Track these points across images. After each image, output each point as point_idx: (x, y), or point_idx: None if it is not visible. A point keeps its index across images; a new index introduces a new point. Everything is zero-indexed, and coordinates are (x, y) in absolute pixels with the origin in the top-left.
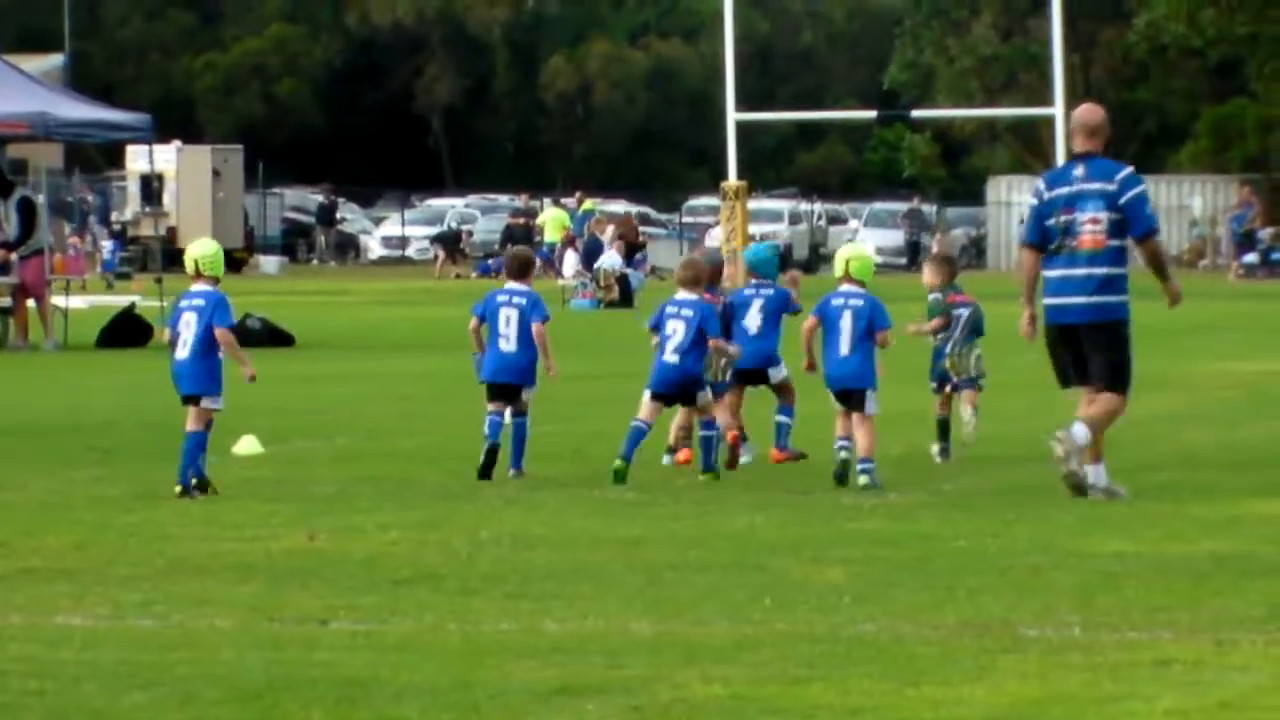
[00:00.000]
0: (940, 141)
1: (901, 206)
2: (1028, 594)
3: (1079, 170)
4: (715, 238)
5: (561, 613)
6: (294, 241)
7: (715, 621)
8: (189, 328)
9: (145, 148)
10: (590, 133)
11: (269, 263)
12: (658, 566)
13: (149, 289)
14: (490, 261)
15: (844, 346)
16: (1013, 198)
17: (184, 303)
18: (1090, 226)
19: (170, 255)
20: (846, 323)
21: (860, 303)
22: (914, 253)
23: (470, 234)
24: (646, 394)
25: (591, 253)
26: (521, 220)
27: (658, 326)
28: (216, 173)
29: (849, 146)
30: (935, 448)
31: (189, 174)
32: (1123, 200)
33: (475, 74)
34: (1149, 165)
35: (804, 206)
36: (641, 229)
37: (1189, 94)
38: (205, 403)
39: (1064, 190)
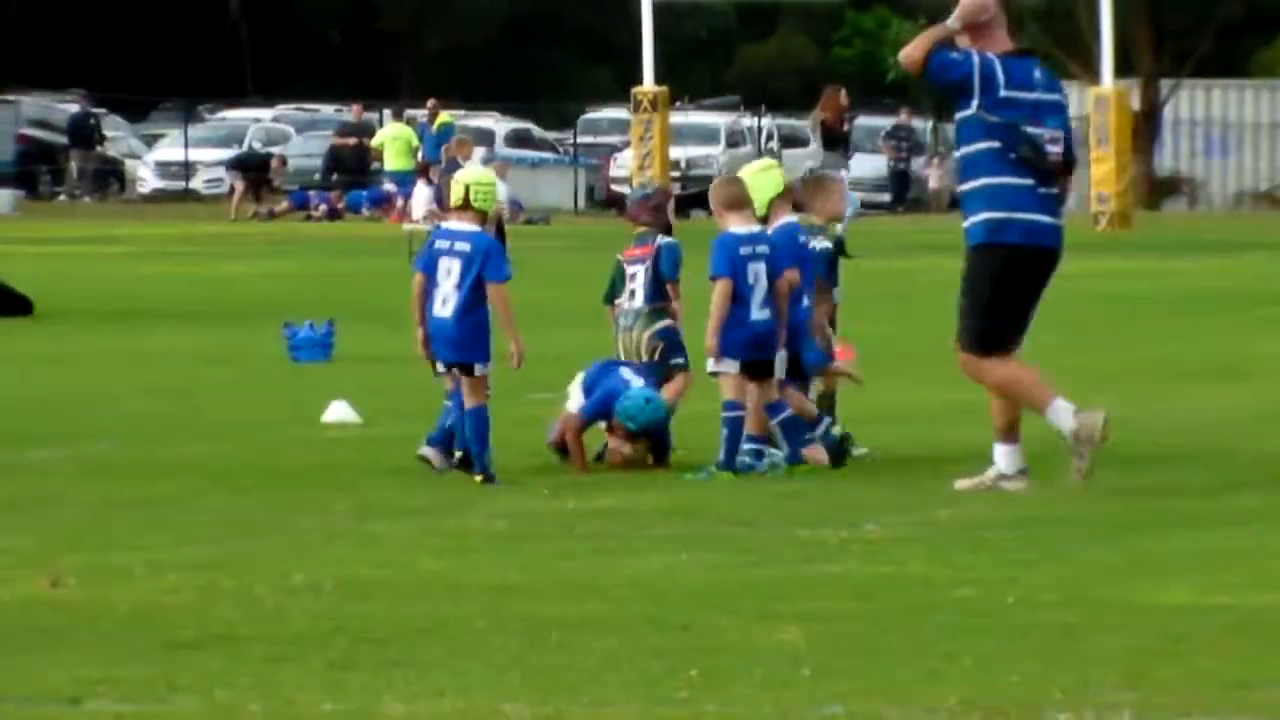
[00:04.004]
0: None
1: (885, 122)
2: (1058, 663)
3: None
4: (623, 165)
5: (407, 688)
6: (33, 169)
7: (621, 701)
8: (450, 278)
9: None
10: (448, 17)
11: None
12: (541, 624)
13: None
14: (311, 194)
15: None
16: None
17: (443, 243)
18: None
19: None
20: None
21: None
22: (901, 186)
23: (283, 160)
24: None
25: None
26: (352, 140)
27: None
28: None
29: (811, 38)
30: None
31: None
32: None
33: None
34: (1228, 65)
35: (748, 122)
36: (518, 155)
37: None
38: (479, 369)
39: None
